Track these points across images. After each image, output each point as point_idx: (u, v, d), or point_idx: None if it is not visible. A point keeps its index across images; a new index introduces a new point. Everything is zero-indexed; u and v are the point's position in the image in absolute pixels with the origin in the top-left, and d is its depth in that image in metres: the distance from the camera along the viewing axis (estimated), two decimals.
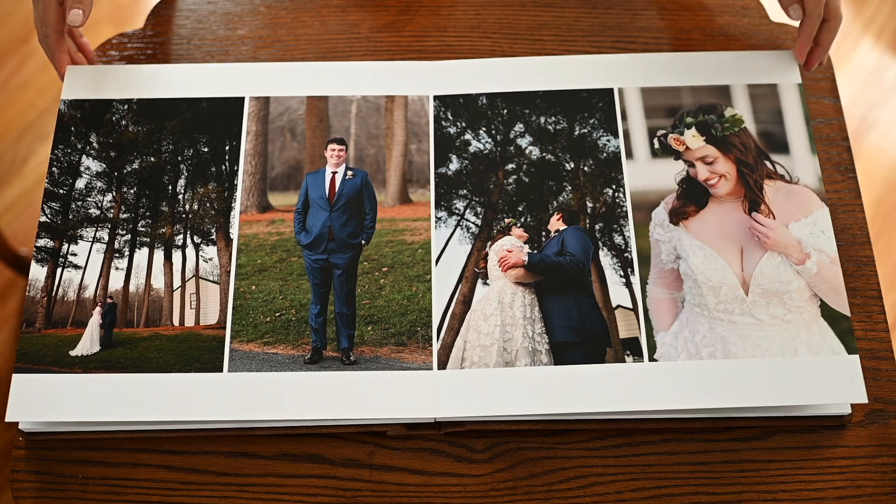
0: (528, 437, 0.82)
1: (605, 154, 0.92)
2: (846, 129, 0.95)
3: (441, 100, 0.94)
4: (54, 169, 0.93)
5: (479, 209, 0.90)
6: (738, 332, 0.83)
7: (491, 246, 0.89)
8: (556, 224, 0.89)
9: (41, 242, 0.90)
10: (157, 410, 0.81)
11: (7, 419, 0.81)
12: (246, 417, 0.81)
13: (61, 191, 0.92)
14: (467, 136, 0.93)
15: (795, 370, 0.81)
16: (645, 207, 0.90)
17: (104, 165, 0.93)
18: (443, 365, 0.83)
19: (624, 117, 0.93)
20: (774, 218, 0.86)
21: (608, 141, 0.93)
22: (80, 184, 0.92)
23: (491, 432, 0.82)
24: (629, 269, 0.87)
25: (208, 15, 1.04)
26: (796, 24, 0.92)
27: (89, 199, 0.92)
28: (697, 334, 0.83)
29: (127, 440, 0.83)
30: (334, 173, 0.92)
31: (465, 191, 0.91)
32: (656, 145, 0.91)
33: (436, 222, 0.89)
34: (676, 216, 0.88)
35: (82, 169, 0.93)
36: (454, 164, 0.92)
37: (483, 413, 0.80)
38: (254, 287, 0.87)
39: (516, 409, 0.80)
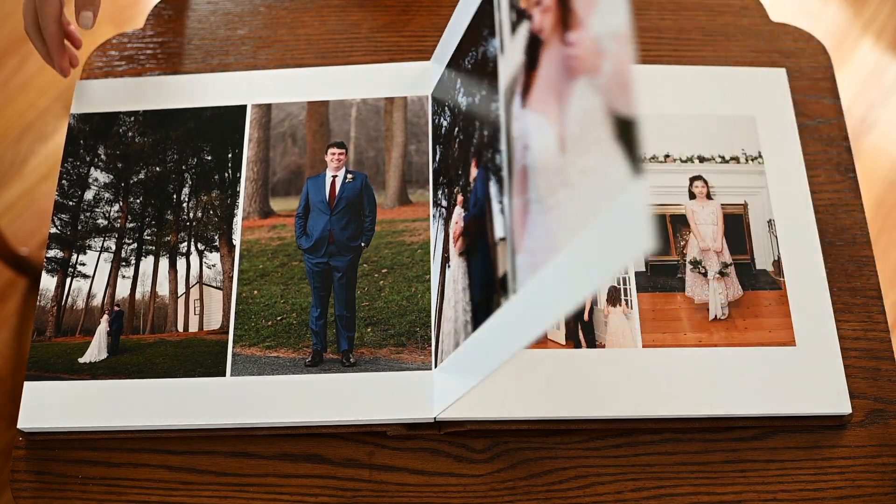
0: (528, 437, 0.82)
1: (490, 65, 0.77)
2: (846, 129, 0.95)
3: (434, 97, 0.94)
4: (64, 181, 0.94)
5: (445, 191, 0.88)
6: (555, 217, 0.64)
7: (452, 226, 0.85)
8: (473, 172, 0.79)
9: (51, 253, 0.90)
10: (162, 415, 0.81)
11: (19, 426, 0.82)
12: (248, 421, 0.81)
13: (70, 202, 0.93)
14: (441, 120, 0.92)
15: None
16: None
17: (111, 176, 0.94)
18: (437, 363, 0.83)
19: (499, 7, 0.77)
20: (582, 25, 0.61)
21: (490, 46, 0.78)
22: (89, 195, 0.93)
23: (491, 432, 0.82)
24: (504, 191, 0.73)
25: (208, 15, 1.04)
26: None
27: (97, 209, 0.93)
28: (536, 240, 0.66)
29: (127, 440, 0.83)
30: (334, 177, 0.92)
31: (442, 178, 0.90)
32: (514, 18, 0.72)
33: (433, 221, 0.89)
34: (524, 96, 0.69)
35: (90, 181, 0.94)
36: (438, 155, 0.91)
37: (460, 392, 0.77)
38: (256, 292, 0.88)
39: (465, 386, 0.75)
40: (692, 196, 0.91)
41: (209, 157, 0.94)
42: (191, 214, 0.92)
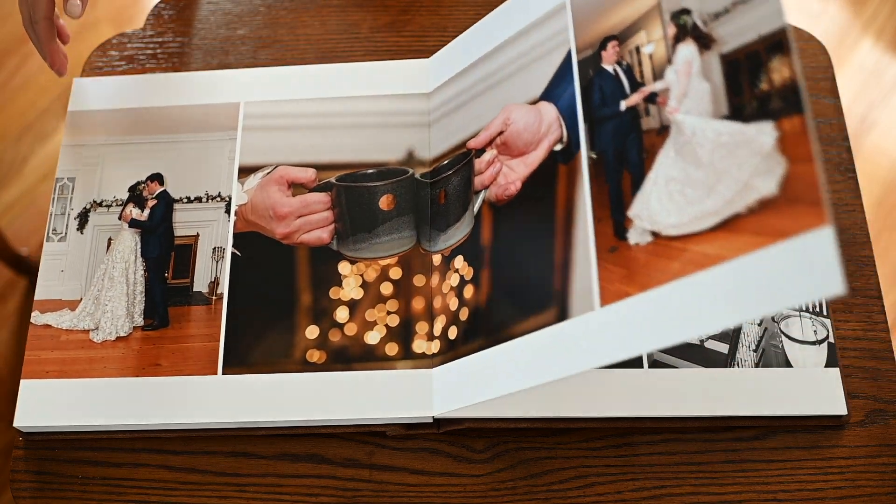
0: (528, 437, 0.82)
1: None
2: (846, 129, 0.95)
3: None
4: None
5: None
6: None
7: None
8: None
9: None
10: (162, 415, 0.81)
11: (15, 424, 0.82)
12: (248, 420, 0.81)
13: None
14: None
15: None
16: None
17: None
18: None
19: None
20: None
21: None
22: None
23: (491, 432, 0.82)
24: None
25: (208, 15, 1.04)
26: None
27: None
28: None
29: (127, 440, 0.83)
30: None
31: None
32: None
33: None
34: None
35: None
36: None
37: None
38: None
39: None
40: None
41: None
42: None
